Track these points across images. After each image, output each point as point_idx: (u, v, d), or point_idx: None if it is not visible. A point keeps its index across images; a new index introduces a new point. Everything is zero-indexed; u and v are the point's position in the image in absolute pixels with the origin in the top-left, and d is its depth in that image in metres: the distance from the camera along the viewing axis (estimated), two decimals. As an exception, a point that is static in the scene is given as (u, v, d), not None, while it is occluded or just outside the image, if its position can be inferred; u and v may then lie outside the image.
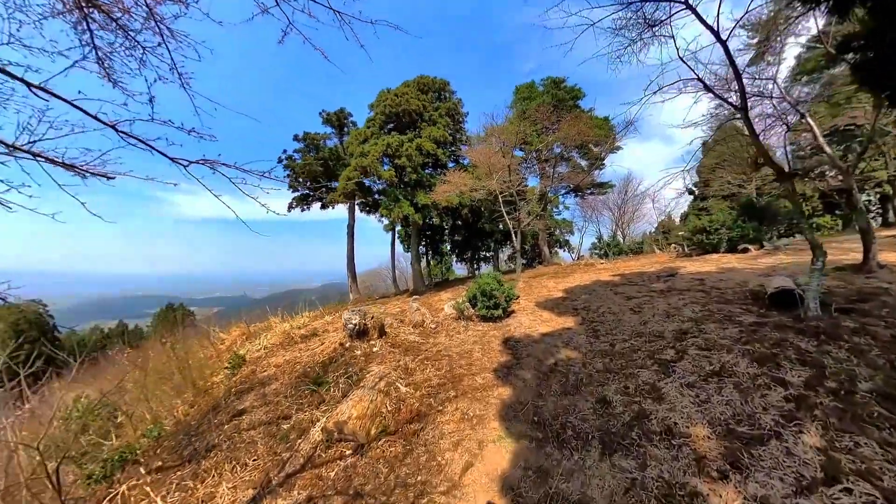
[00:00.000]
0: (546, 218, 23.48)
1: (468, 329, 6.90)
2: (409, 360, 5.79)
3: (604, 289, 8.80)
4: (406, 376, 5.10)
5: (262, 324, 13.41)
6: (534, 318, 7.00)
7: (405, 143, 13.92)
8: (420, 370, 5.26)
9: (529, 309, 7.90)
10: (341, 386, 5.31)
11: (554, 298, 8.77)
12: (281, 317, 14.48)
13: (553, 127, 10.94)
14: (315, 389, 5.61)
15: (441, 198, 12.18)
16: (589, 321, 6.16)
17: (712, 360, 3.79)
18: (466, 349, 5.82)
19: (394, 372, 5.23)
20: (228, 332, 13.23)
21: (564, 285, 10.79)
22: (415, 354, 6.09)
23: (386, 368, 5.46)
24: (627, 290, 7.98)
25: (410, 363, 5.60)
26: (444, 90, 18.29)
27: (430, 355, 5.90)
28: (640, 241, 21.30)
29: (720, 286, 7.29)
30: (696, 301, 6.25)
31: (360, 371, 5.75)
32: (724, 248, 13.25)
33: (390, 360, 5.98)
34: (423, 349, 6.32)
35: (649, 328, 5.21)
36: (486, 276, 7.71)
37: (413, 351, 6.32)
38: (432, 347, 6.30)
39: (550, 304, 8.06)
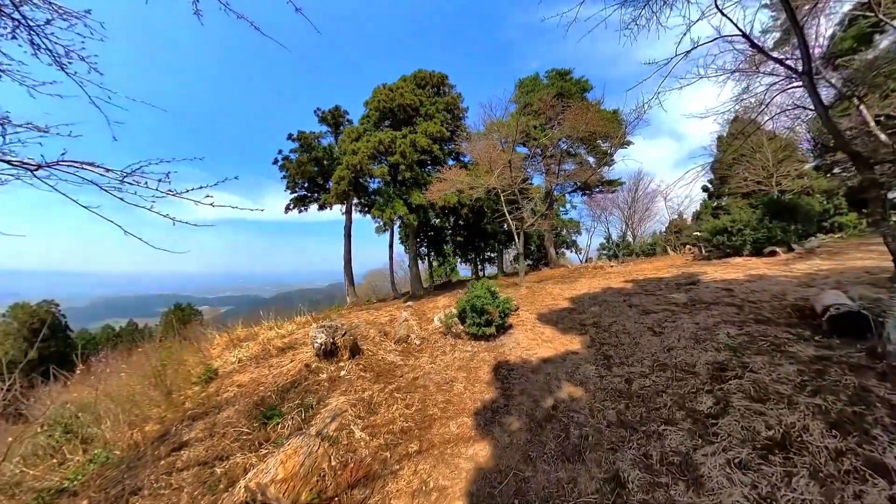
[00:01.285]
0: (552, 218, 22.36)
1: (455, 349, 5.94)
2: (377, 389, 4.87)
3: (615, 299, 7.75)
4: (367, 414, 4.17)
5: (252, 329, 12.81)
6: (534, 335, 6.01)
7: (398, 139, 13.00)
8: (386, 406, 4.32)
9: (530, 323, 6.90)
10: (290, 423, 4.41)
11: (558, 309, 7.76)
12: (275, 320, 13.86)
13: (559, 118, 9.93)
14: (265, 422, 4.75)
15: (436, 196, 11.26)
16: (599, 343, 5.15)
17: (769, 419, 2.76)
18: (448, 377, 4.87)
19: (352, 409, 4.30)
20: (221, 336, 12.59)
21: (571, 293, 9.74)
22: (387, 381, 5.16)
23: (345, 402, 4.53)
24: (643, 302, 6.92)
25: (378, 395, 4.67)
26: (443, 84, 17.33)
27: (404, 384, 4.96)
28: (653, 243, 20.04)
29: (754, 298, 6.20)
30: (730, 319, 5.19)
31: (318, 402, 4.85)
32: (747, 250, 12.03)
33: (357, 387, 5.07)
34: (399, 374, 5.38)
35: (675, 357, 4.18)
36: (478, 286, 6.73)
37: (386, 376, 5.39)
38: (409, 373, 5.36)
39: (554, 318, 7.05)
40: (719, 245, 12.55)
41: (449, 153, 16.30)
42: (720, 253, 13.64)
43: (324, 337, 6.11)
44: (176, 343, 13.11)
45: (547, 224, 19.42)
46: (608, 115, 18.75)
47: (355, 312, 14.19)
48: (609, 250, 26.49)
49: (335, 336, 6.22)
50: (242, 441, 4.43)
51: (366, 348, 6.83)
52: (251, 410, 5.33)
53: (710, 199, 30.02)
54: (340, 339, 6.28)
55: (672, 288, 7.99)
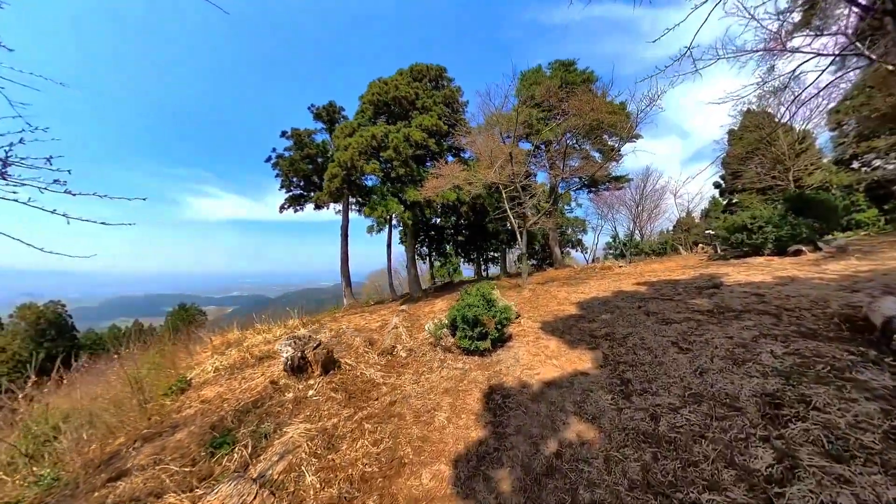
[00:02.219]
0: (556, 216, 21.49)
1: (444, 365, 5.16)
2: (346, 415, 4.12)
3: (629, 304, 6.92)
4: (326, 451, 3.43)
5: (244, 332, 12.29)
6: (536, 349, 5.22)
7: (391, 133, 12.26)
8: (351, 440, 3.57)
9: (532, 333, 6.11)
10: (237, 457, 3.68)
11: (565, 317, 6.95)
12: (268, 324, 13.37)
13: (562, 105, 9.14)
14: (213, 452, 4.05)
15: (431, 193, 10.51)
16: (614, 361, 4.35)
17: (860, 490, 1.96)
18: (431, 403, 4.10)
19: (308, 444, 3.55)
20: (213, 339, 12.04)
21: (578, 296, 8.93)
22: (359, 405, 4.41)
23: (303, 434, 3.78)
24: (661, 309, 6.10)
25: (344, 424, 3.92)
26: (441, 77, 16.55)
27: (378, 409, 4.20)
28: (663, 241, 19.08)
29: (791, 306, 5.35)
30: (769, 333, 4.36)
31: (275, 430, 4.12)
32: (768, 249, 11.11)
33: (324, 412, 4.33)
34: (375, 397, 4.64)
35: (711, 384, 3.38)
36: (473, 291, 5.95)
37: (360, 398, 4.65)
38: (387, 394, 4.60)
39: (560, 327, 6.25)
40: (738, 243, 11.63)
41: (448, 149, 15.54)
42: (738, 252, 12.71)
43: (290, 351, 5.38)
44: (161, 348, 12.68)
45: (551, 222, 18.57)
46: (615, 107, 17.86)
47: (349, 316, 13.50)
48: (616, 249, 25.54)
49: (305, 349, 5.48)
50: (183, 475, 3.71)
51: (345, 361, 6.09)
52: (205, 434, 4.65)
53: (721, 196, 28.92)
54: (311, 353, 5.53)
55: (692, 292, 7.15)
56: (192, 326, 20.29)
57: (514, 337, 5.94)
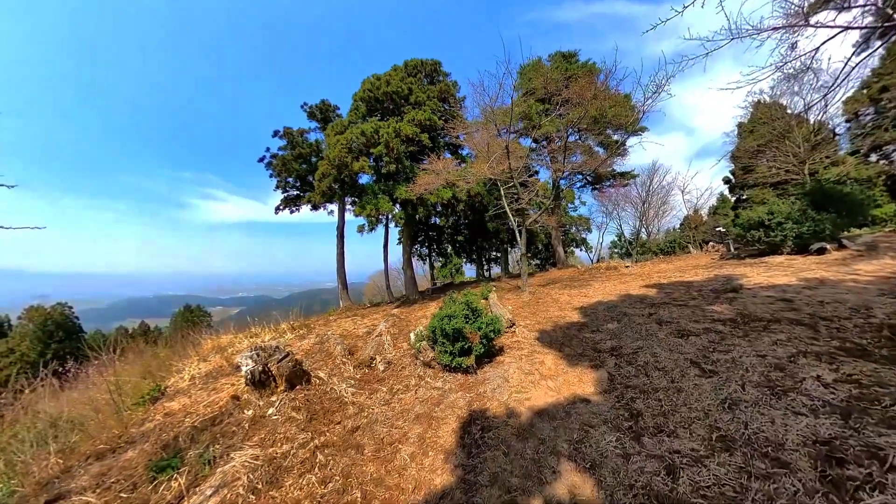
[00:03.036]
0: (559, 214, 20.70)
1: (421, 384, 4.48)
2: (301, 441, 3.52)
3: (637, 310, 6.19)
4: (267, 486, 2.84)
5: (237, 335, 11.86)
6: (530, 366, 4.52)
7: (381, 129, 11.61)
8: (298, 475, 2.96)
9: (527, 344, 5.41)
10: (176, 485, 3.08)
11: (565, 325, 6.23)
12: (261, 326, 12.90)
13: (563, 92, 8.44)
14: (155, 477, 3.47)
15: (421, 190, 9.84)
16: (621, 385, 3.64)
17: None
18: (398, 432, 3.44)
19: (248, 477, 2.93)
20: (206, 343, 11.59)
21: (581, 300, 8.20)
22: (319, 429, 3.80)
23: (247, 464, 3.15)
24: (675, 317, 5.36)
25: (297, 452, 3.32)
26: (436, 72, 15.89)
27: (338, 435, 3.58)
28: (672, 240, 18.21)
29: (826, 314, 4.60)
30: (809, 350, 3.63)
31: (222, 455, 3.51)
32: (788, 247, 10.28)
33: (279, 436, 3.73)
34: (338, 420, 4.02)
35: (745, 424, 2.66)
36: (458, 299, 5.26)
37: (322, 420, 4.04)
38: (353, 417, 3.97)
39: (559, 337, 5.54)
40: (755, 241, 10.81)
41: (445, 145, 14.88)
42: (753, 250, 11.87)
43: (251, 364, 4.75)
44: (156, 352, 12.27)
45: (554, 221, 17.82)
46: (619, 98, 17.04)
47: (341, 319, 12.91)
48: (621, 248, 24.66)
49: (268, 362, 4.85)
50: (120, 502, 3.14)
51: (317, 375, 5.45)
52: (156, 454, 4.11)
53: (730, 192, 27.88)
54: (275, 367, 4.91)
55: (708, 296, 6.39)
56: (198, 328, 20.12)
57: (505, 350, 5.24)
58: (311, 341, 8.95)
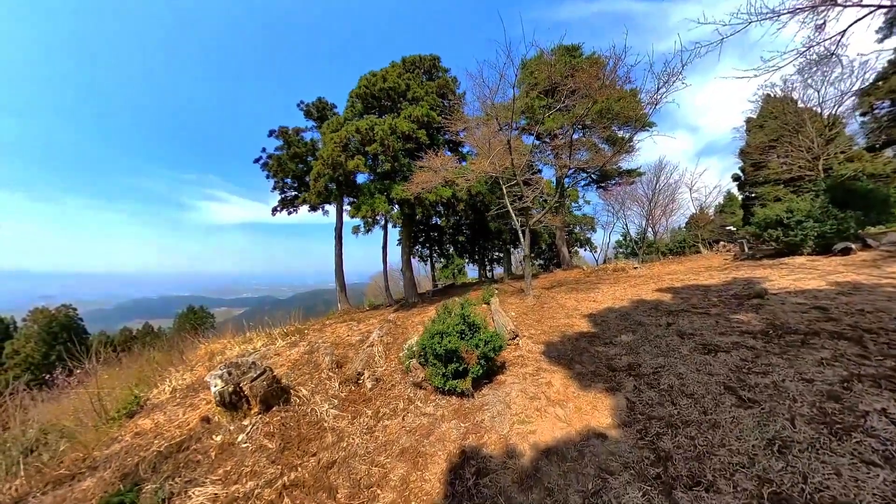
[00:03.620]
0: (564, 213, 20.13)
1: (410, 408, 3.96)
2: (271, 476, 3.07)
3: (654, 319, 5.64)
4: None
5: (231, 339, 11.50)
6: (535, 389, 4.00)
7: (377, 125, 11.12)
8: None
9: (532, 360, 4.88)
10: None
11: (574, 335, 5.69)
12: (256, 331, 12.54)
13: (567, 82, 7.91)
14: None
15: (418, 189, 9.33)
16: (644, 415, 3.11)
17: None
18: (378, 472, 2.93)
19: None
20: (200, 348, 11.25)
21: (590, 305, 7.66)
22: (292, 462, 3.33)
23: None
24: (697, 327, 4.82)
25: (262, 492, 2.88)
26: (435, 68, 15.38)
27: (309, 472, 3.10)
28: (681, 239, 17.57)
29: (869, 325, 4.04)
30: (863, 372, 3.08)
31: (180, 492, 3.05)
32: (809, 247, 9.67)
33: (245, 469, 3.28)
34: (313, 451, 3.55)
35: (803, 476, 2.13)
36: (455, 310, 4.74)
37: (297, 450, 3.57)
38: (331, 447, 3.49)
39: (568, 352, 5.01)
40: (772, 240, 10.20)
41: (445, 143, 14.37)
42: (770, 251, 11.26)
43: (220, 384, 4.25)
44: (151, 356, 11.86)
45: (558, 220, 17.24)
46: (625, 94, 16.45)
47: (336, 324, 12.45)
48: (627, 248, 24.02)
49: (241, 381, 4.36)
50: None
51: (298, 393, 4.97)
52: (113, 484, 3.70)
53: (740, 190, 27.12)
54: (248, 386, 4.41)
55: (730, 303, 5.83)
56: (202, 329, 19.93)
57: (508, 367, 4.72)
58: (302, 350, 8.52)
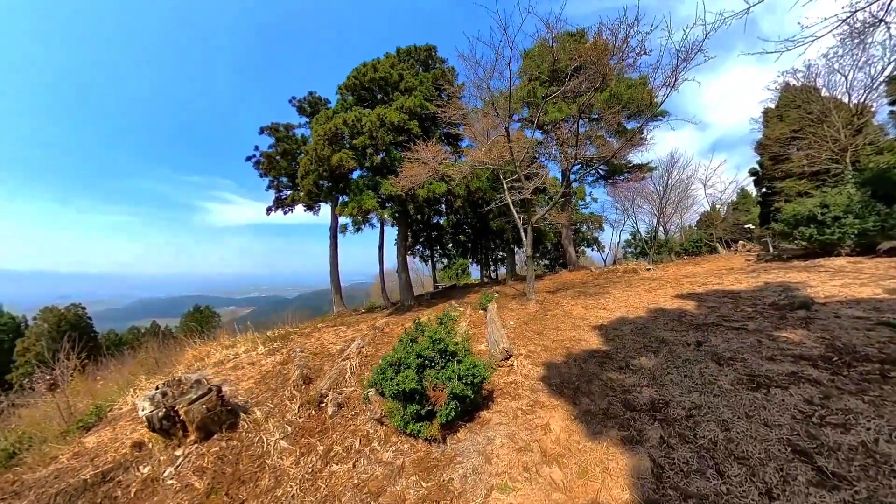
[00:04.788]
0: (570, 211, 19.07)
1: (366, 450, 3.08)
2: None
3: (679, 335, 4.66)
4: None
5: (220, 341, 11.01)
6: (528, 434, 3.06)
7: (364, 117, 10.27)
8: None
9: (527, 389, 3.95)
10: None
11: (581, 355, 4.74)
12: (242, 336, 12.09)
13: (576, 59, 6.99)
14: None
15: (407, 183, 8.46)
16: (677, 490, 2.18)
17: None
18: None
19: None
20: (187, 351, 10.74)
21: (599, 314, 6.70)
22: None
23: None
24: (735, 348, 3.85)
25: None
26: (431, 58, 14.48)
27: None
28: (697, 238, 16.43)
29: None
30: None
31: None
32: (848, 246, 8.58)
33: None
34: (247, 496, 2.76)
35: None
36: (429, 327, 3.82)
37: (227, 493, 2.84)
38: (259, 498, 2.68)
39: (573, 378, 4.07)
40: (805, 239, 9.11)
41: (442, 137, 13.48)
42: (798, 251, 10.16)
43: (150, 408, 3.49)
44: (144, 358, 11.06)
45: (564, 218, 16.20)
46: (634, 82, 15.37)
47: (325, 329, 11.72)
48: (636, 247, 22.84)
49: (176, 404, 3.58)
50: None
51: (254, 414, 4.16)
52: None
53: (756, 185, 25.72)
54: (184, 409, 3.61)
55: (769, 314, 4.83)
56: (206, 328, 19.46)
57: (496, 397, 3.80)
58: (278, 359, 7.81)
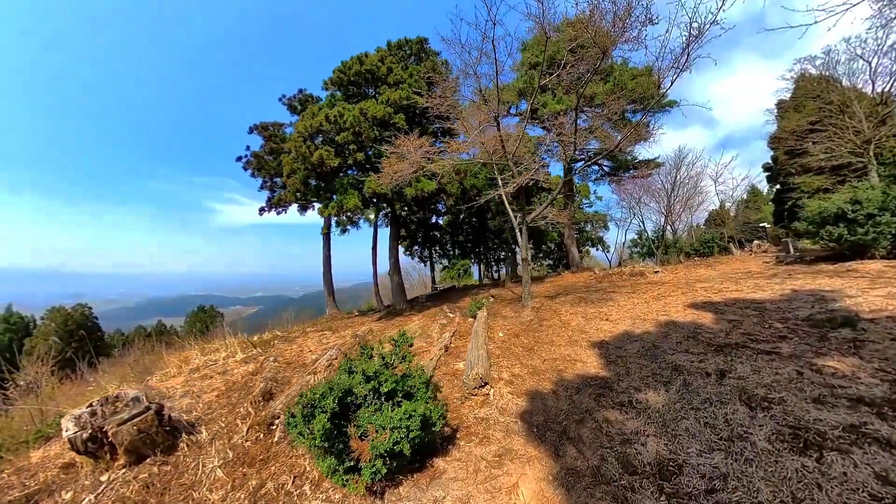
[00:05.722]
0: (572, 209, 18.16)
1: (298, 492, 2.38)
2: None
3: (695, 360, 3.81)
4: None
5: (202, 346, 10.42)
6: (487, 501, 2.31)
7: (346, 112, 9.53)
8: None
9: (500, 430, 3.14)
10: None
11: (574, 381, 3.92)
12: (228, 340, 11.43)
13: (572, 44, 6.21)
14: None
15: (391, 181, 7.71)
16: None
17: None
18: None
19: None
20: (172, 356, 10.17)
21: (601, 326, 5.87)
22: None
23: None
24: (768, 381, 3.01)
25: None
26: (423, 51, 13.72)
27: None
28: (709, 238, 15.42)
29: None
30: None
31: None
32: (884, 248, 7.62)
33: None
34: None
35: None
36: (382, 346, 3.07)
37: None
38: None
39: (561, 416, 3.25)
40: (834, 240, 8.16)
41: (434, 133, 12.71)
42: (825, 252, 9.20)
43: (73, 428, 3.05)
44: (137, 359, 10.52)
45: (566, 217, 15.31)
46: (639, 71, 14.44)
47: (311, 334, 11.11)
48: (642, 247, 21.83)
49: (106, 423, 3.12)
50: None
51: (199, 434, 3.53)
52: None
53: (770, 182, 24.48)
54: (113, 430, 3.11)
55: (805, 333, 3.97)
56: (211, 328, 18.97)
57: (459, 439, 3.02)
58: (250, 368, 7.26)
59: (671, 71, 6.34)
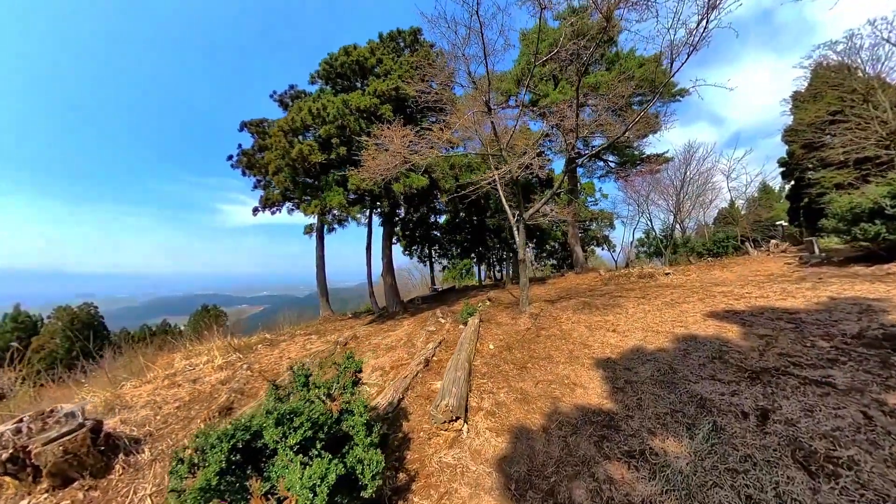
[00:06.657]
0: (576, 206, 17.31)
1: None
2: None
3: (726, 391, 3.02)
4: None
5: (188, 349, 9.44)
6: None
7: (329, 104, 8.86)
8: None
9: (469, 482, 2.40)
10: None
11: (571, 415, 3.15)
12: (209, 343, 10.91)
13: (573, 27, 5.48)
14: None
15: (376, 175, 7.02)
16: None
17: None
18: None
19: None
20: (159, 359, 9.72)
21: (606, 340, 5.10)
22: None
23: None
24: (826, 428, 2.24)
25: None
26: (417, 42, 13.02)
27: None
28: (724, 237, 14.48)
29: None
30: None
31: None
32: (927, 246, 6.73)
33: None
34: None
35: None
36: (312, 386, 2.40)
37: None
38: None
39: (548, 471, 2.47)
40: (868, 239, 7.28)
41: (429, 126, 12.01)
42: (856, 252, 8.32)
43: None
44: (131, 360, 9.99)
45: (570, 215, 14.48)
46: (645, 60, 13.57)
47: (297, 338, 10.56)
48: (650, 246, 20.87)
49: (31, 442, 2.65)
50: None
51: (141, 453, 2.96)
52: None
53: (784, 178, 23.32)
54: (37, 450, 2.57)
55: (860, 356, 3.18)
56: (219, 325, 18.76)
57: (414, 492, 2.30)
58: (222, 376, 6.74)
59: (685, 48, 5.59)
